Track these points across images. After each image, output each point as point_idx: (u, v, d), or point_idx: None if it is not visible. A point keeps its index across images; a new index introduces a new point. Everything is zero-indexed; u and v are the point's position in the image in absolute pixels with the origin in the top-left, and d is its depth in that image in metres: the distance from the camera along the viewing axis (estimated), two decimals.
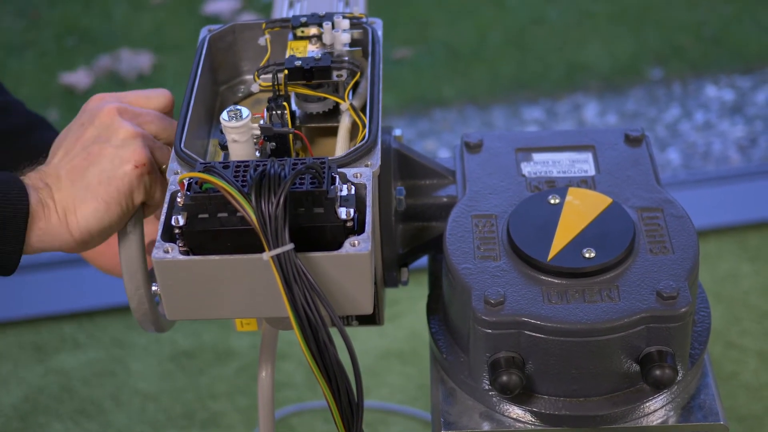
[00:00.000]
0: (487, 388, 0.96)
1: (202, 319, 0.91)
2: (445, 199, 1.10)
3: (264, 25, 1.08)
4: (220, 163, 0.87)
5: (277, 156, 0.99)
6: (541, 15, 3.07)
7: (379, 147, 0.95)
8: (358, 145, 0.94)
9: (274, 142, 0.98)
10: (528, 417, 0.96)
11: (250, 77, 1.14)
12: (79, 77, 2.92)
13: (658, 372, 0.91)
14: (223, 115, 0.95)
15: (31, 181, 0.95)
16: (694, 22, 3.00)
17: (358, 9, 1.16)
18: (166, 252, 0.86)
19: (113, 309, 2.12)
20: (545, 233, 0.97)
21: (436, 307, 1.05)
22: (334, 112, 1.05)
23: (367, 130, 0.96)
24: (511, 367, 0.92)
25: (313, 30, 1.06)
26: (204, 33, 1.11)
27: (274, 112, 1.00)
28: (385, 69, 1.08)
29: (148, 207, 1.01)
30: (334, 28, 1.05)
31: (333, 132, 1.05)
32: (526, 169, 1.07)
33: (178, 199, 0.87)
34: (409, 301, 2.07)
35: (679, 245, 0.97)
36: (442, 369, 1.01)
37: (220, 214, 0.85)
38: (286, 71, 1.01)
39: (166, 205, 0.89)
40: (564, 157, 1.08)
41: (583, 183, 1.05)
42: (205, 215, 0.85)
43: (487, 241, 0.98)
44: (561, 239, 0.96)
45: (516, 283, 0.94)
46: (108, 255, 1.17)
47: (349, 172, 0.91)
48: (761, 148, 2.58)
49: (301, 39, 1.06)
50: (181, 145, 0.95)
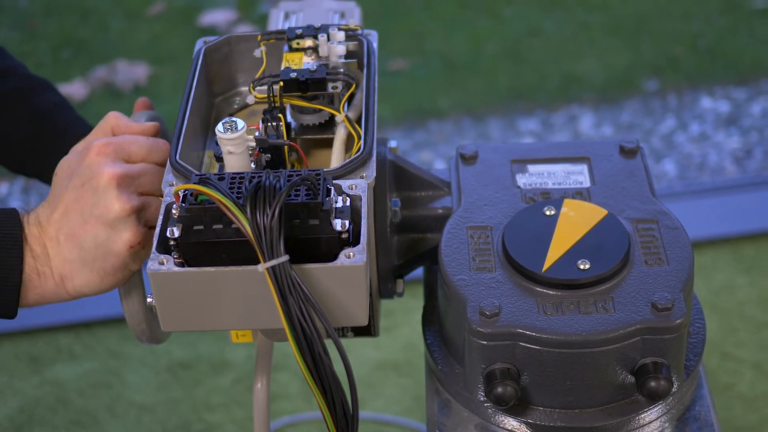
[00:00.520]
0: (482, 399, 0.96)
1: (198, 330, 0.90)
2: (440, 211, 1.10)
3: (259, 37, 1.09)
4: (215, 174, 0.88)
5: (272, 168, 0.99)
6: (537, 27, 3.08)
7: (374, 159, 0.95)
8: (353, 157, 0.94)
9: (270, 154, 0.99)
10: (523, 428, 0.96)
11: (245, 89, 1.14)
12: (75, 88, 2.92)
13: (653, 383, 0.91)
14: (219, 126, 0.95)
15: (32, 243, 0.97)
16: (689, 34, 3.01)
17: (354, 21, 1.16)
18: (161, 264, 0.86)
19: (109, 320, 2.12)
20: (540, 245, 0.97)
21: (431, 318, 1.05)
22: (330, 124, 1.05)
23: (362, 141, 0.96)
24: (506, 379, 0.92)
25: (308, 42, 1.06)
26: (199, 45, 1.11)
27: (270, 124, 1.01)
28: (381, 80, 1.08)
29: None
30: (329, 40, 1.05)
31: (328, 144, 1.05)
32: (522, 180, 1.07)
33: (173, 211, 0.87)
34: (405, 313, 2.07)
35: (674, 257, 0.97)
36: (438, 380, 1.01)
37: (215, 226, 0.85)
38: (282, 83, 1.01)
39: (161, 217, 0.89)
40: (559, 168, 1.09)
41: (578, 194, 1.05)
42: (201, 227, 0.86)
43: (482, 253, 0.99)
44: (556, 251, 0.96)
45: (511, 295, 0.94)
46: None
47: (344, 183, 0.91)
48: (756, 160, 2.59)
49: (297, 51, 1.07)
50: (177, 156, 0.95)
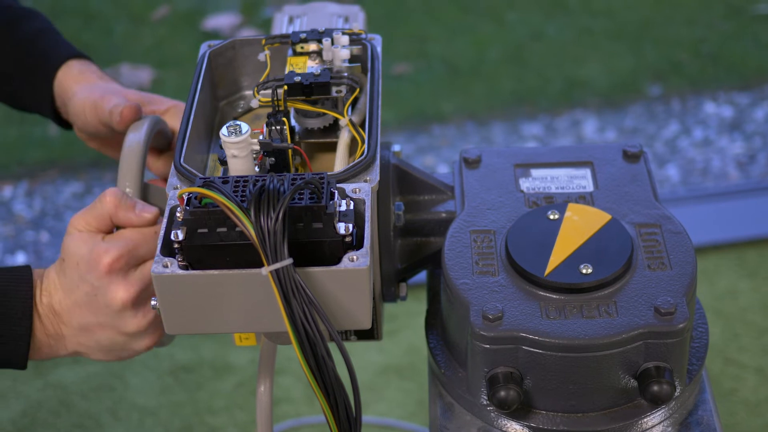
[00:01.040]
0: (485, 403, 0.96)
1: (201, 333, 0.91)
2: (443, 215, 1.10)
3: (264, 41, 1.09)
4: (219, 178, 0.88)
5: (276, 171, 0.99)
6: (540, 31, 3.08)
7: (378, 162, 0.95)
8: (357, 161, 0.94)
9: (274, 158, 0.99)
10: None
11: (249, 93, 1.14)
12: None
13: (655, 387, 0.91)
14: (223, 130, 0.95)
15: (48, 326, 1.01)
16: (692, 39, 3.01)
17: (358, 25, 1.16)
18: (165, 267, 0.86)
19: None
20: (543, 248, 0.97)
21: (434, 322, 1.05)
22: (334, 128, 1.06)
23: (366, 145, 0.96)
24: (509, 383, 0.92)
25: (312, 46, 1.06)
26: (204, 48, 1.12)
27: (274, 128, 1.01)
28: (385, 85, 1.09)
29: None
30: (333, 44, 1.06)
31: (332, 147, 1.05)
32: (525, 184, 1.07)
33: (178, 214, 0.87)
34: (408, 317, 2.07)
35: (677, 261, 0.97)
36: (441, 384, 1.01)
37: (219, 229, 0.85)
38: (286, 87, 1.01)
39: (165, 220, 0.90)
40: (562, 173, 1.09)
41: (582, 199, 1.05)
42: (205, 230, 0.86)
43: (485, 257, 0.99)
44: (558, 255, 0.96)
45: (514, 299, 0.94)
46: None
47: (348, 187, 0.91)
48: (760, 165, 2.59)
49: (301, 55, 1.07)
50: (181, 160, 0.95)
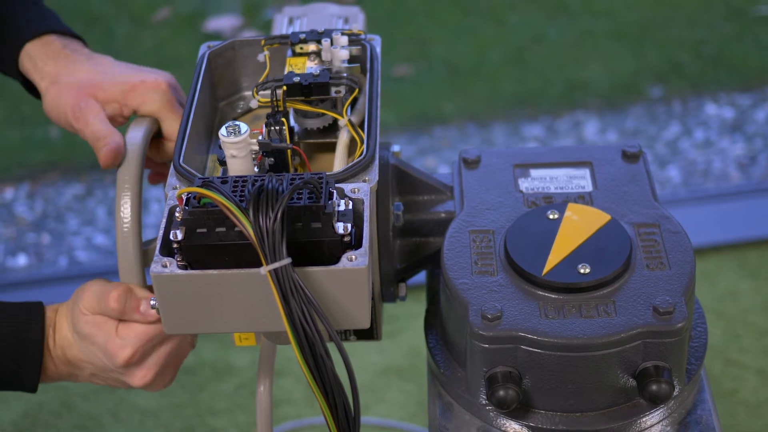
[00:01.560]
0: (484, 402, 0.96)
1: (200, 333, 0.91)
2: (442, 215, 1.10)
3: (263, 42, 1.09)
4: (218, 178, 0.88)
5: (275, 171, 0.99)
6: (541, 33, 3.08)
7: (377, 162, 0.95)
8: (356, 161, 0.94)
9: (273, 158, 0.99)
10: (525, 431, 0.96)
11: (249, 93, 1.14)
12: None
13: (654, 387, 0.91)
14: (222, 130, 0.95)
15: (55, 370, 1.05)
16: (693, 40, 3.01)
17: (357, 26, 1.16)
18: (164, 266, 0.86)
19: None
20: (542, 248, 0.97)
21: (433, 321, 1.06)
22: (333, 128, 1.06)
23: (365, 145, 0.96)
24: (508, 382, 0.92)
25: (311, 46, 1.07)
26: (203, 49, 1.12)
27: (273, 128, 1.01)
28: (386, 86, 1.09)
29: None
30: (332, 44, 1.06)
31: (331, 148, 1.06)
32: (524, 184, 1.08)
33: (177, 214, 0.87)
34: (408, 318, 2.07)
35: (676, 261, 0.97)
36: (440, 383, 1.01)
37: (218, 229, 0.86)
38: (285, 87, 1.02)
39: (164, 220, 0.90)
40: (561, 173, 1.09)
41: (581, 199, 1.05)
42: (203, 230, 0.86)
43: (484, 257, 0.99)
44: (557, 254, 0.96)
45: (513, 298, 0.94)
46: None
47: (346, 187, 0.92)
48: (761, 166, 2.59)
49: (300, 55, 1.07)
50: (180, 160, 0.96)
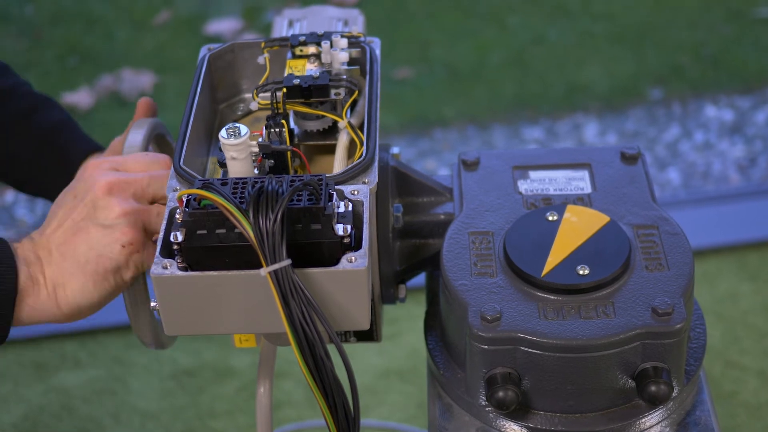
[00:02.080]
0: (483, 403, 0.96)
1: (200, 334, 0.91)
2: (442, 217, 1.11)
3: (263, 44, 1.09)
4: (218, 180, 0.88)
5: (275, 173, 0.99)
6: (542, 35, 3.08)
7: (376, 164, 0.95)
8: (355, 163, 0.95)
9: (273, 160, 0.99)
10: None
11: (249, 95, 1.15)
12: (81, 97, 2.93)
13: (653, 388, 0.91)
14: (222, 132, 0.95)
15: (24, 253, 0.96)
16: (693, 43, 3.02)
17: (357, 28, 1.16)
18: (165, 268, 0.86)
19: (114, 328, 2.13)
20: (541, 250, 0.97)
21: (433, 323, 1.06)
22: (333, 130, 1.06)
23: (364, 147, 0.97)
24: (507, 383, 0.92)
25: (311, 49, 1.07)
26: (204, 51, 1.12)
27: (273, 130, 1.01)
28: (386, 89, 1.09)
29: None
30: (332, 47, 1.06)
31: (331, 150, 1.06)
32: (523, 186, 1.08)
33: (177, 216, 0.87)
34: (409, 320, 2.08)
35: (675, 262, 0.97)
36: (440, 385, 1.01)
37: (218, 231, 0.86)
38: (285, 89, 1.02)
39: (164, 222, 0.90)
40: (560, 174, 1.09)
41: (580, 200, 1.05)
42: (204, 231, 0.86)
43: (483, 258, 0.99)
44: (556, 256, 0.96)
45: (512, 300, 0.95)
46: None
47: (346, 189, 0.92)
48: (761, 168, 2.59)
49: (300, 58, 1.07)
50: (180, 162, 0.96)
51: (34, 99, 1.24)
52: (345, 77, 1.05)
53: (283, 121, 1.02)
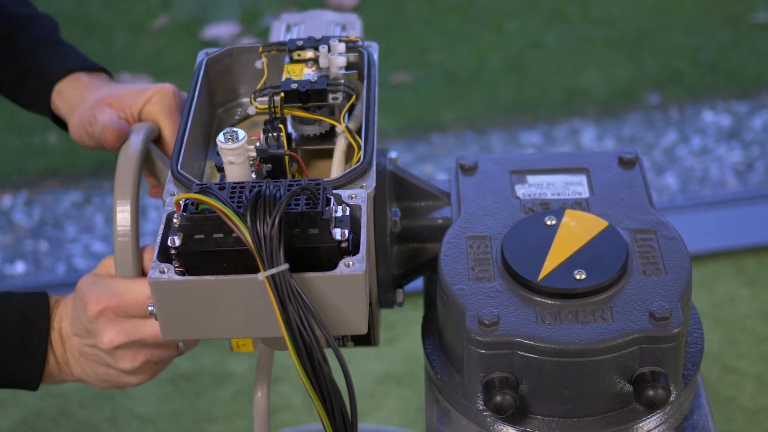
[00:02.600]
0: (481, 408, 0.96)
1: (198, 338, 0.91)
2: (440, 221, 1.11)
3: (261, 49, 1.09)
4: (216, 184, 0.88)
5: (273, 178, 0.99)
6: (540, 40, 3.09)
7: (374, 169, 0.96)
8: (353, 167, 0.95)
9: (270, 164, 0.99)
10: None
11: (247, 100, 1.15)
12: None
13: (651, 392, 0.91)
14: (220, 137, 0.96)
15: (53, 357, 1.04)
16: (691, 48, 3.02)
17: (355, 33, 1.17)
18: (162, 272, 0.86)
19: None
20: (538, 254, 0.97)
21: (431, 327, 1.06)
22: (330, 135, 1.06)
23: (362, 152, 0.97)
24: (505, 388, 0.92)
25: (309, 53, 1.07)
26: (201, 56, 1.12)
27: (271, 134, 1.01)
28: (384, 93, 1.09)
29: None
30: (330, 51, 1.06)
31: (329, 154, 1.06)
32: (521, 191, 1.08)
33: (174, 220, 0.87)
34: (407, 325, 2.07)
35: (672, 266, 0.97)
36: (437, 389, 1.01)
37: (215, 235, 0.86)
38: (283, 94, 1.02)
39: (162, 226, 0.90)
40: (558, 179, 1.09)
41: (577, 205, 1.05)
42: (201, 236, 0.86)
43: (481, 263, 0.99)
44: (553, 260, 0.96)
45: (510, 304, 0.95)
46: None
47: (344, 193, 0.92)
48: (758, 173, 2.59)
49: (298, 62, 1.07)
50: (178, 166, 0.96)
51: (15, 18, 1.23)
52: (343, 82, 1.05)
53: (280, 126, 1.02)
